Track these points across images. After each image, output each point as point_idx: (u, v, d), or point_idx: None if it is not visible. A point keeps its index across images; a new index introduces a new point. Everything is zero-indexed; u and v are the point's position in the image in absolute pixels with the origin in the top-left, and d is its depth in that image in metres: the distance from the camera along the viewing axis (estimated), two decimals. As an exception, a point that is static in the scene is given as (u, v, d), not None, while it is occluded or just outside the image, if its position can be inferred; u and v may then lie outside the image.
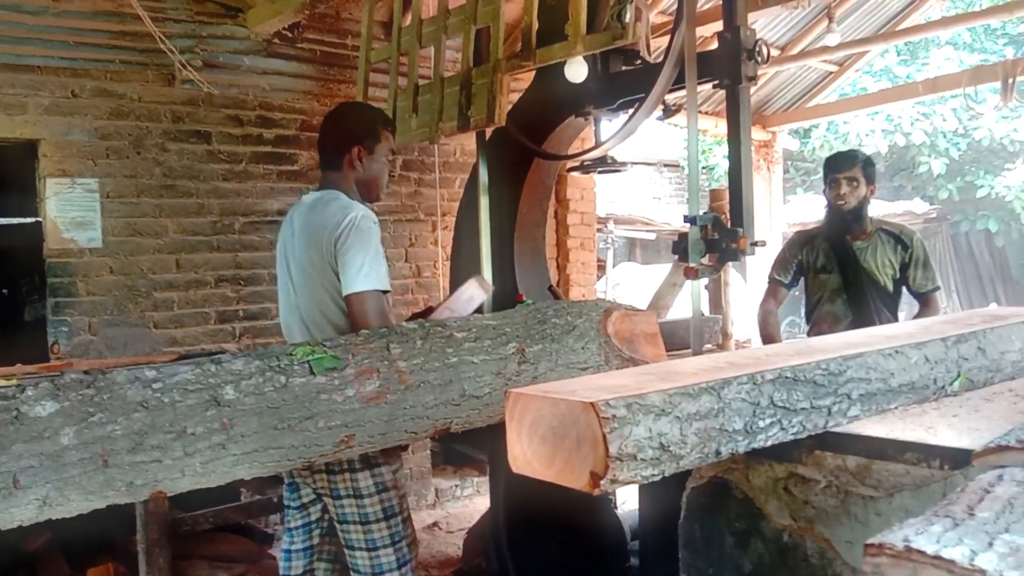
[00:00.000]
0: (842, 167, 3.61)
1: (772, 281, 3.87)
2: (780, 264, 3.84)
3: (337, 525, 2.48)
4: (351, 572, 2.48)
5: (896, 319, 3.64)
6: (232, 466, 1.74)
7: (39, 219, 4.07)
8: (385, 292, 2.39)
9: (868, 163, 3.65)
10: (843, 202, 3.59)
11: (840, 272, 3.65)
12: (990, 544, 0.87)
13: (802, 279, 3.81)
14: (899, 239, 3.61)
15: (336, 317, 2.44)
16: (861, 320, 3.57)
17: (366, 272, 2.34)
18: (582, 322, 2.31)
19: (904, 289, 3.66)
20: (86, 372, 1.65)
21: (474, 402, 2.06)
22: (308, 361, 1.84)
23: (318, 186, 2.64)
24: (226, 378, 1.74)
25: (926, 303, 3.48)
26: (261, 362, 1.80)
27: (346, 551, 2.48)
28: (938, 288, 3.57)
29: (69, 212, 4.01)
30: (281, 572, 2.71)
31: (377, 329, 2.10)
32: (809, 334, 3.80)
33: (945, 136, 11.93)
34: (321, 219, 2.45)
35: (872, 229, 3.65)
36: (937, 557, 0.83)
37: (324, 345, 1.91)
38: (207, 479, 1.73)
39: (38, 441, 1.52)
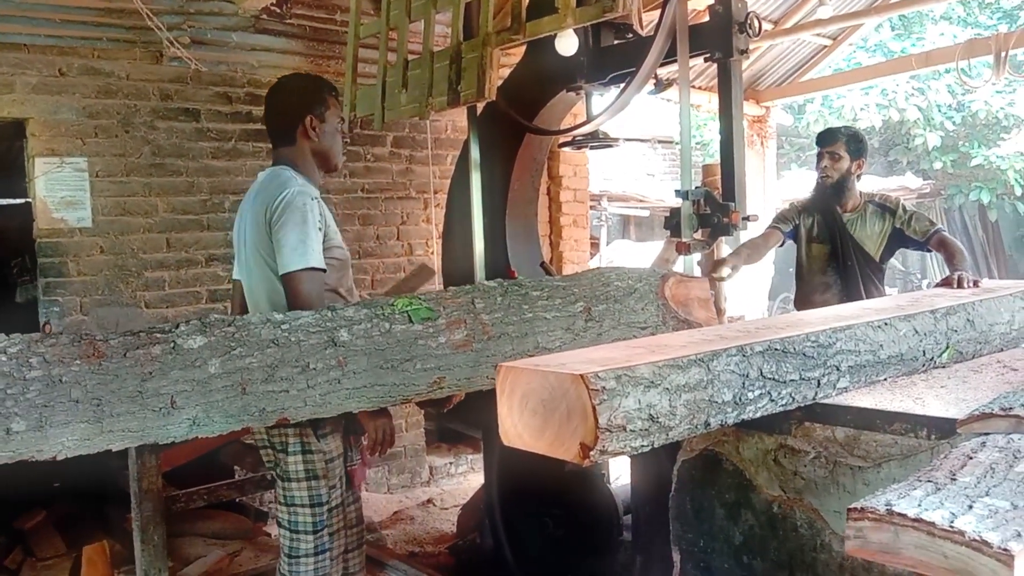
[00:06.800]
0: (825, 142, 3.72)
1: (769, 227, 3.90)
2: (780, 217, 3.92)
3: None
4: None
5: (882, 288, 3.75)
6: (345, 399, 1.98)
7: (28, 199, 4.04)
8: (316, 269, 2.31)
9: (853, 139, 3.72)
10: (826, 175, 3.71)
11: (830, 242, 3.75)
12: (970, 507, 0.88)
13: (794, 242, 3.89)
14: (885, 207, 3.70)
15: (281, 299, 2.35)
16: (849, 288, 3.68)
17: (300, 251, 2.28)
18: (642, 286, 2.50)
19: (908, 249, 3.81)
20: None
21: (546, 354, 2.16)
22: (407, 311, 2.08)
23: (272, 163, 2.59)
24: (341, 322, 2.00)
25: (940, 243, 3.50)
26: (369, 310, 2.07)
27: (276, 524, 2.50)
28: (941, 228, 3.62)
29: (58, 192, 3.98)
30: None
31: (463, 286, 2.28)
32: (797, 301, 3.90)
33: (940, 109, 11.89)
34: (264, 197, 2.40)
35: (861, 202, 3.74)
36: (918, 519, 0.84)
37: (420, 297, 2.17)
38: (324, 409, 1.97)
39: (190, 369, 1.79)
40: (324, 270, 2.35)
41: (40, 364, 1.64)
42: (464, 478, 5.41)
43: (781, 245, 3.91)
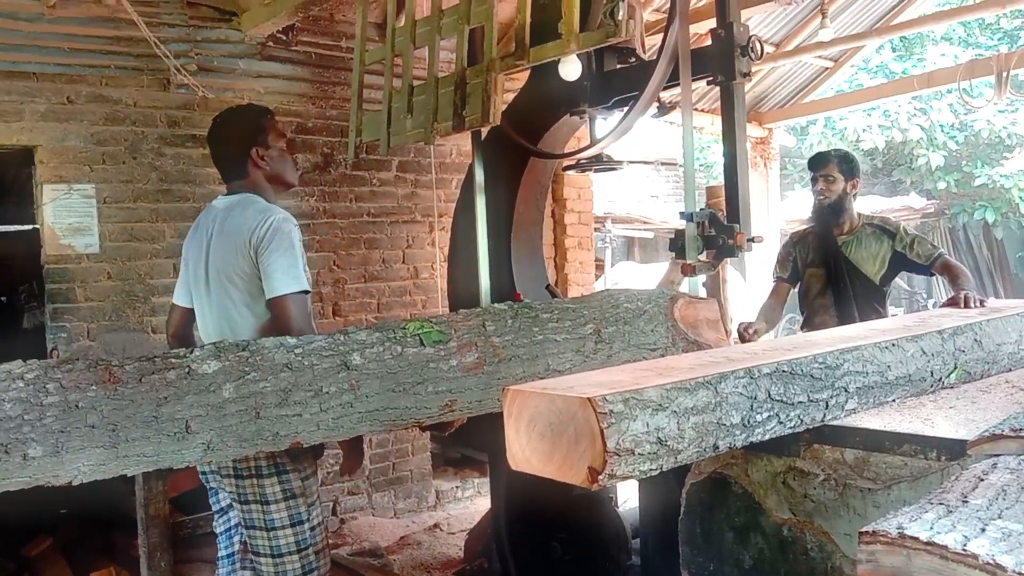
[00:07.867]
0: (817, 166, 3.79)
1: (774, 279, 4.05)
2: (779, 262, 4.03)
3: (244, 531, 2.45)
4: None
5: (884, 311, 3.77)
6: (357, 422, 1.99)
7: (36, 226, 4.06)
8: (307, 293, 2.40)
9: (844, 160, 3.78)
10: (823, 197, 3.76)
11: (824, 265, 3.78)
12: (983, 530, 0.87)
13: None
14: (884, 230, 3.73)
15: (254, 323, 2.40)
16: (844, 310, 3.70)
17: (291, 275, 2.34)
18: (651, 307, 2.51)
19: (908, 274, 3.80)
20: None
21: (557, 377, 2.17)
22: (419, 334, 2.09)
23: (228, 192, 2.61)
24: (353, 346, 2.01)
25: (944, 267, 3.52)
26: (381, 334, 2.08)
27: (252, 556, 2.45)
28: (943, 252, 3.64)
29: (66, 218, 4.00)
30: None
31: (474, 309, 2.30)
32: (803, 326, 3.94)
33: (943, 129, 11.93)
34: (240, 224, 2.43)
35: (858, 224, 3.78)
36: (931, 543, 0.84)
37: (431, 321, 2.17)
38: (336, 433, 1.98)
39: (205, 394, 1.80)
40: (309, 292, 2.42)
41: (57, 390, 1.65)
42: (471, 502, 5.38)
43: (793, 287, 3.98)
